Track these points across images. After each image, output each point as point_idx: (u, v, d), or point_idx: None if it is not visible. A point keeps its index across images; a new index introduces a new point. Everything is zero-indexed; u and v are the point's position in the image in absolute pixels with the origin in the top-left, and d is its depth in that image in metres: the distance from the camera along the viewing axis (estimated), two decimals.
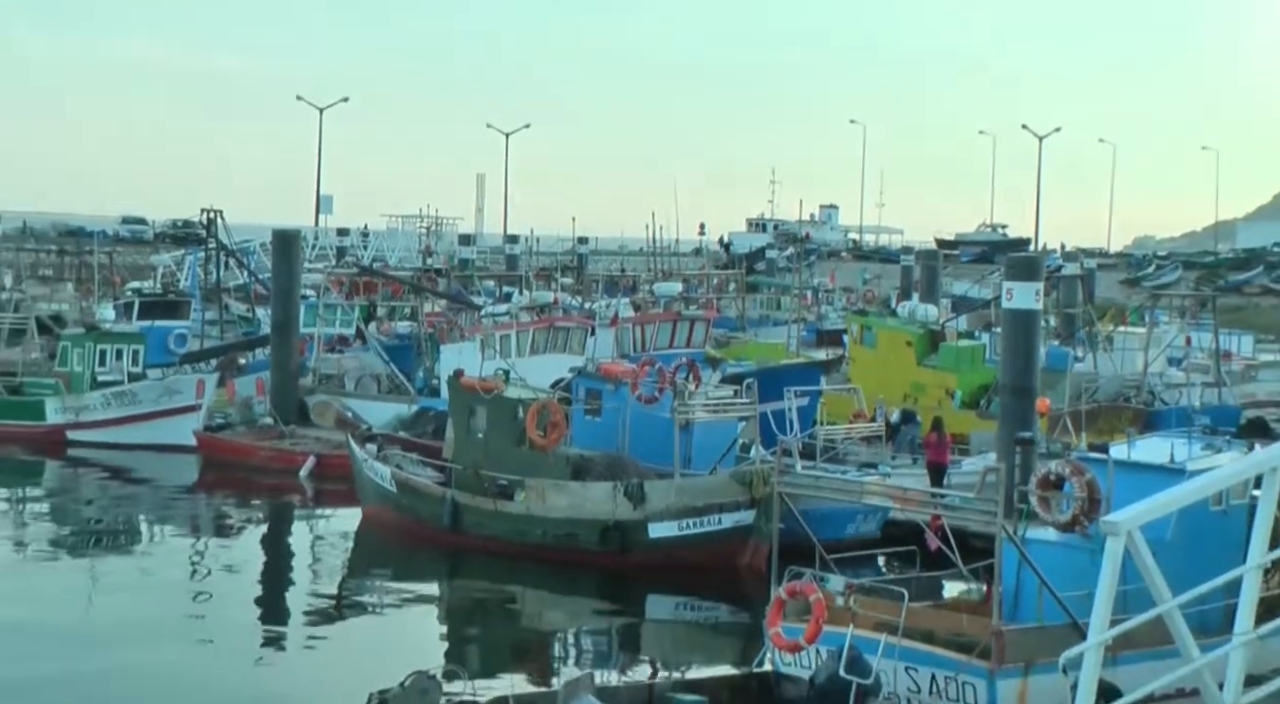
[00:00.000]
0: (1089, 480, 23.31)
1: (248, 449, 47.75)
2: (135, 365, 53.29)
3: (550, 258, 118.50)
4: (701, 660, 27.35)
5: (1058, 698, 17.71)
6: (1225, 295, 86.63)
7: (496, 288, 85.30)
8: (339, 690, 21.60)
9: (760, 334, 68.62)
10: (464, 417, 37.81)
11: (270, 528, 41.37)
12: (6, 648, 27.79)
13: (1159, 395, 50.11)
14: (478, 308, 68.45)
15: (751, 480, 33.07)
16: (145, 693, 25.28)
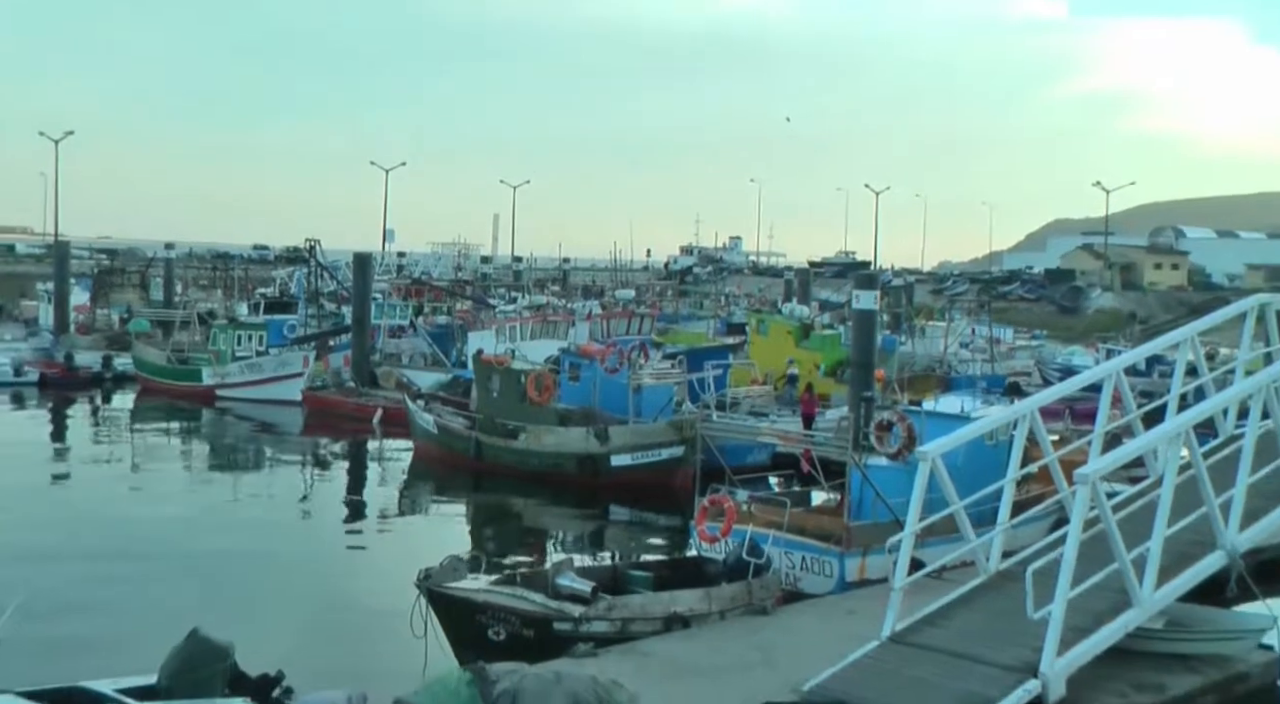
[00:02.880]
0: (908, 425, 23.61)
1: (338, 402, 47.69)
2: (261, 346, 53.35)
3: (543, 272, 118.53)
4: (648, 549, 27.53)
5: (885, 570, 17.97)
6: (996, 301, 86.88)
7: (506, 293, 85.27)
8: (397, 567, 21.70)
9: (688, 326, 68.50)
10: (484, 382, 37.84)
11: (352, 457, 41.36)
12: (173, 528, 28.36)
13: (954, 368, 50.52)
14: (493, 307, 68.44)
15: (682, 426, 33.27)
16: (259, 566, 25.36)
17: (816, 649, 16.28)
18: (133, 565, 24.67)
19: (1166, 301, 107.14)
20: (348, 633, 20.67)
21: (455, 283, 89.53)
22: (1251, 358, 22.31)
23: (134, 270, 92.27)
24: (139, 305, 75.71)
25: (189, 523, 29.52)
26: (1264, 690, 17.33)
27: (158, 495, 33.01)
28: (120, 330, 65.91)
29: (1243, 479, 17.14)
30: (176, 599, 21.70)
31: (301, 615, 21.69)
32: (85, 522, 29.07)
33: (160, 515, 30.03)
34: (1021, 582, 15.06)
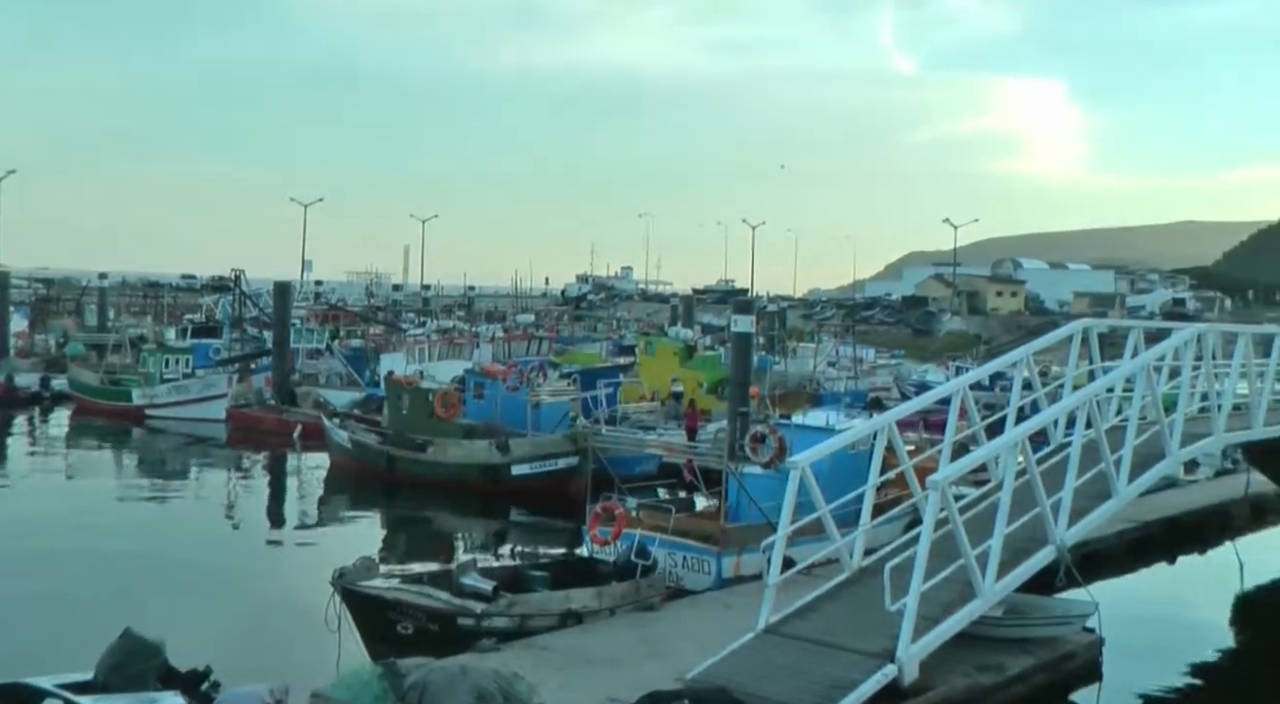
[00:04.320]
0: (780, 437, 23.72)
1: (259, 420, 46.83)
2: (188, 368, 52.26)
3: (450, 299, 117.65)
4: (546, 551, 27.43)
5: (759, 567, 18.05)
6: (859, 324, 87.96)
7: (416, 318, 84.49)
8: (314, 569, 21.37)
9: (583, 348, 68.40)
10: (395, 400, 37.58)
11: (273, 470, 40.66)
12: (105, 535, 27.54)
13: (822, 385, 51.00)
14: (403, 331, 67.83)
15: (576, 438, 33.23)
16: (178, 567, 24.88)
17: (698, 641, 16.33)
18: (65, 570, 24.03)
19: (1007, 325, 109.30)
20: (269, 630, 20.35)
21: (368, 309, 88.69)
22: (1077, 374, 22.88)
23: (70, 298, 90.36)
24: (74, 331, 73.62)
25: (119, 530, 28.87)
26: (1088, 667, 17.83)
27: (89, 505, 32.13)
28: (57, 354, 64.01)
29: (1070, 482, 17.54)
30: (109, 601, 21.22)
31: (226, 615, 21.27)
32: (18, 528, 28.32)
33: (92, 524, 29.23)
34: (880, 577, 15.28)
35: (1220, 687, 19.43)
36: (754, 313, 39.07)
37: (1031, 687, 16.56)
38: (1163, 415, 20.22)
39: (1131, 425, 19.50)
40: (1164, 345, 21.99)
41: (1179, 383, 22.26)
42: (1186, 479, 32.72)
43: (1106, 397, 21.54)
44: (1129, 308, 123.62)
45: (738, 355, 34.78)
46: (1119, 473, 18.80)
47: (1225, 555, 26.37)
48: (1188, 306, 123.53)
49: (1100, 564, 22.94)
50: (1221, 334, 24.85)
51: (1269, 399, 23.70)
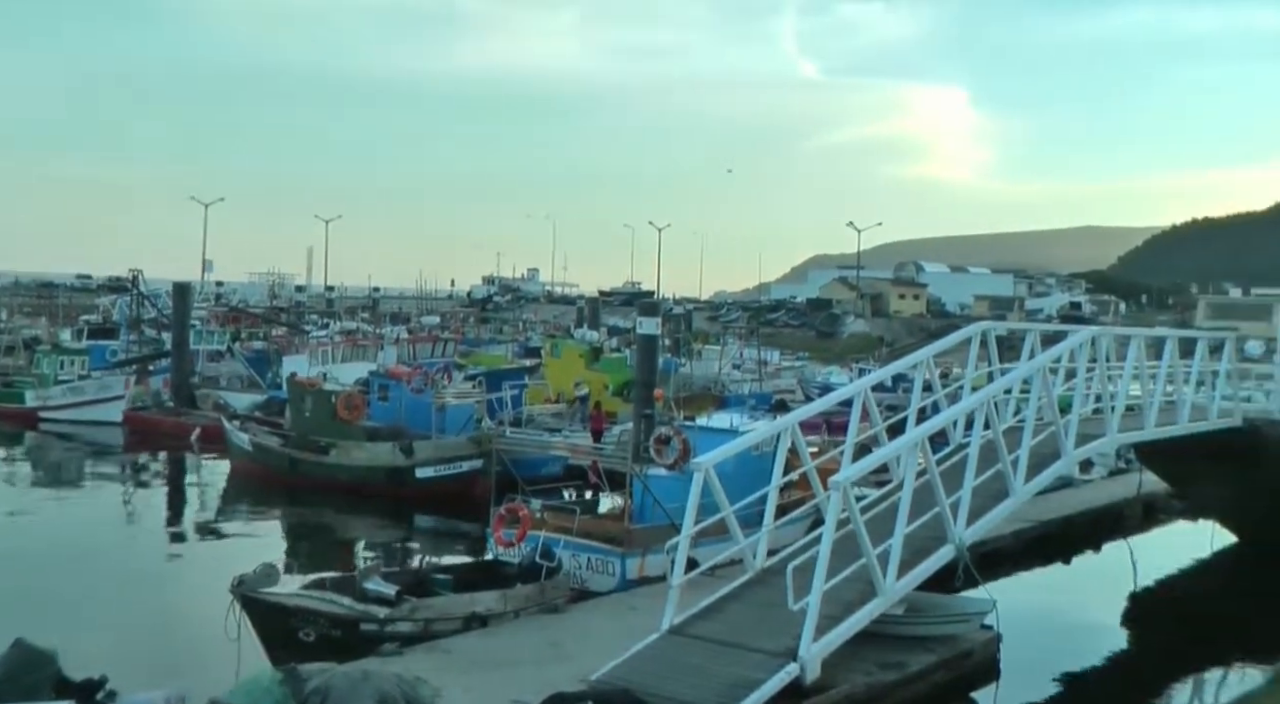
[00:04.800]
0: (684, 439, 23.85)
1: (157, 423, 46.02)
2: (84, 370, 51.41)
3: (354, 300, 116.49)
4: (450, 554, 27.24)
5: (663, 568, 18.11)
6: (764, 327, 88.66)
7: (319, 320, 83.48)
8: (214, 576, 20.98)
9: (489, 349, 68.09)
10: (298, 402, 37.16)
11: (172, 474, 39.99)
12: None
13: (727, 387, 51.34)
14: (306, 333, 67.01)
15: (481, 440, 33.10)
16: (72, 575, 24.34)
17: (603, 642, 16.36)
18: None
19: (909, 327, 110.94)
20: (166, 638, 19.98)
21: (271, 310, 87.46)
22: (976, 376, 23.27)
23: None
24: None
25: (10, 536, 28.29)
26: (986, 664, 18.15)
27: None
28: None
29: (968, 482, 17.85)
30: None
31: (123, 623, 20.86)
32: None
33: None
34: (783, 577, 15.42)
35: (1113, 682, 19.92)
36: (659, 315, 39.08)
37: (931, 683, 16.82)
38: (1058, 416, 20.65)
39: (1028, 426, 19.89)
40: (1059, 347, 22.46)
41: (1074, 384, 22.74)
42: (1082, 479, 33.48)
43: (1004, 398, 21.96)
44: (1028, 311, 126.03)
45: (643, 357, 34.83)
46: (1016, 473, 19.16)
47: (1119, 553, 27.01)
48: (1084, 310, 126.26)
49: (998, 563, 23.41)
50: (1115, 337, 25.46)
51: (1160, 400, 24.33)
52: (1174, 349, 25.30)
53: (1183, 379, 25.51)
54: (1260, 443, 26.06)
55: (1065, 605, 24.55)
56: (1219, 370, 26.46)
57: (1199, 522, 31.10)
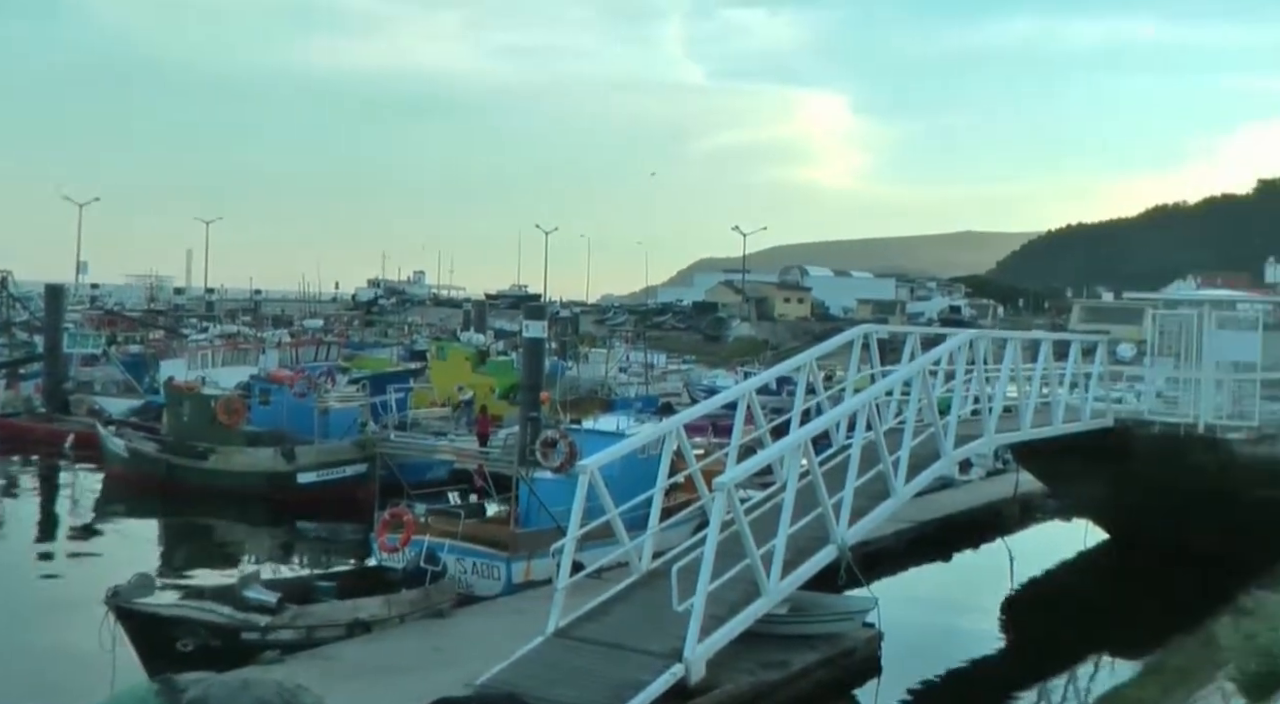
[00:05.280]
0: (570, 442, 23.87)
1: (29, 429, 44.60)
2: None
3: (235, 303, 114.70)
4: (334, 560, 26.89)
5: (550, 572, 18.08)
6: (651, 330, 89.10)
7: (199, 323, 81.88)
8: (88, 586, 20.48)
9: (373, 353, 67.35)
10: (175, 407, 36.54)
11: (44, 481, 38.89)
12: None
13: (614, 390, 51.47)
14: (185, 336, 65.67)
15: (365, 445, 32.81)
16: None
17: (489, 646, 16.29)
18: None
19: (794, 330, 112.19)
20: (39, 652, 19.34)
21: (148, 313, 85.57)
22: (859, 378, 23.65)
23: None
24: None
25: None
26: (867, 661, 18.51)
27: None
28: None
29: (850, 483, 18.13)
30: None
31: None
32: None
33: None
34: (668, 578, 15.50)
35: (991, 676, 20.38)
36: (546, 318, 39.06)
37: (814, 681, 17.07)
38: (937, 418, 21.09)
39: (908, 427, 20.25)
40: (939, 350, 22.93)
41: (954, 386, 23.21)
42: (961, 479, 34.18)
43: (885, 400, 22.35)
44: (909, 314, 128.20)
45: (529, 361, 34.80)
46: (897, 473, 19.52)
47: (997, 552, 27.64)
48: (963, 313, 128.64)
49: (880, 562, 23.82)
50: (992, 340, 26.06)
51: (1036, 401, 24.96)
52: (1049, 352, 25.97)
53: (1057, 381, 26.20)
54: (1130, 443, 26.87)
55: (945, 603, 25.06)
56: (1092, 372, 27.21)
57: (1073, 520, 31.98)
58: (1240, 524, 24.23)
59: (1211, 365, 26.83)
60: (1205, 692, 10.21)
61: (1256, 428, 26.84)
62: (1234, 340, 27.23)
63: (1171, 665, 16.33)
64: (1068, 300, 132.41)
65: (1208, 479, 25.79)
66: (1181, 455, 26.40)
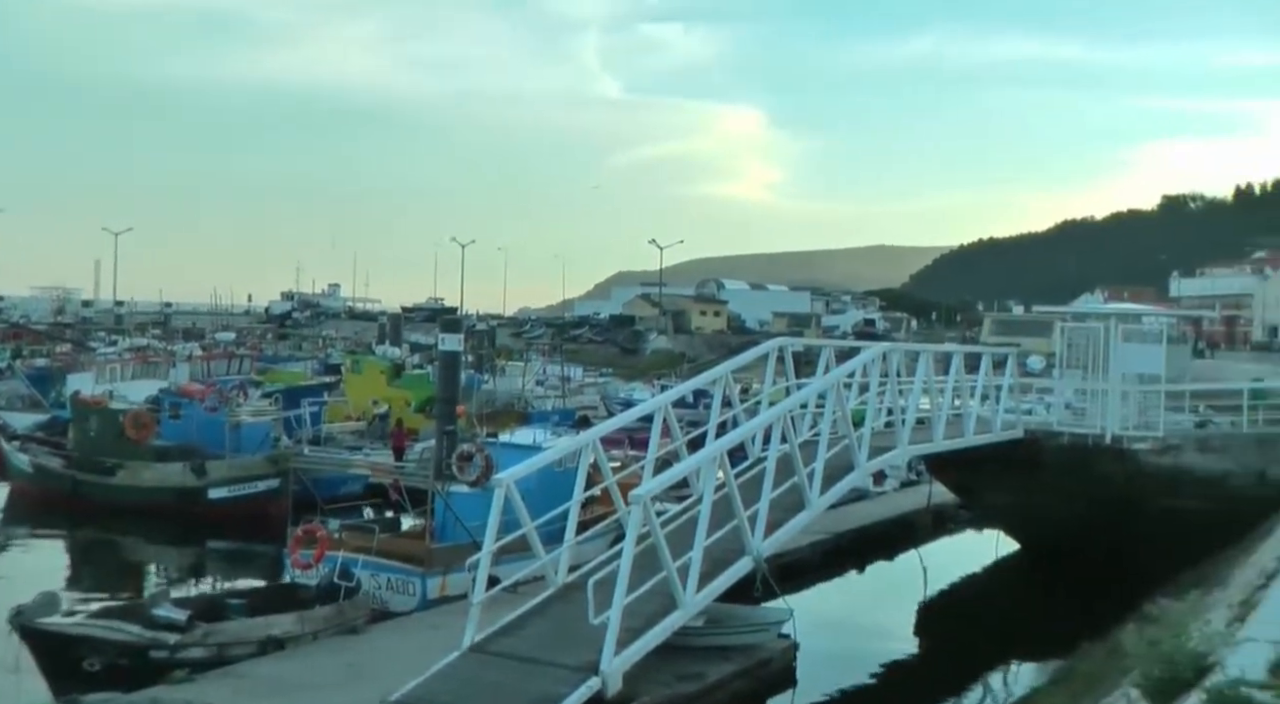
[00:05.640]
0: (486, 455, 23.84)
1: None
2: None
3: (145, 316, 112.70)
4: (246, 577, 26.53)
5: (466, 586, 17.98)
6: (568, 343, 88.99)
7: (107, 337, 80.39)
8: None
9: (287, 366, 66.55)
10: (82, 421, 35.88)
11: None
12: None
13: (531, 403, 51.30)
14: (93, 350, 64.44)
15: (278, 459, 32.44)
16: None
17: (404, 662, 16.18)
18: None
19: (711, 343, 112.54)
20: None
21: (55, 326, 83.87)
22: (775, 391, 23.81)
23: None
24: None
25: None
26: (783, 672, 18.65)
27: None
28: None
29: (766, 495, 18.25)
30: None
31: None
32: None
33: None
34: (585, 592, 15.48)
35: (905, 685, 20.62)
36: (462, 331, 38.84)
37: (730, 693, 17.15)
38: (851, 430, 21.29)
39: (823, 439, 20.44)
40: (852, 363, 23.16)
41: (867, 398, 23.46)
42: (876, 491, 34.53)
43: (800, 412, 22.52)
44: (824, 327, 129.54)
45: (445, 374, 34.53)
46: (811, 485, 19.67)
47: (910, 562, 27.99)
48: (877, 326, 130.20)
49: (796, 574, 24.00)
50: (905, 352, 26.38)
51: (948, 413, 25.30)
52: (960, 364, 26.35)
53: (969, 393, 26.58)
54: (1040, 454, 27.31)
55: (860, 613, 25.32)
56: (1002, 384, 27.65)
57: (985, 530, 32.44)
58: (1146, 532, 24.71)
59: (1118, 377, 27.35)
60: (1111, 698, 10.40)
61: (1161, 438, 27.41)
62: (1139, 353, 27.79)
63: (1080, 672, 16.59)
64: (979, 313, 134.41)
65: (1115, 489, 26.31)
66: (1089, 466, 26.89)
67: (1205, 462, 27.50)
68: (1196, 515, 24.63)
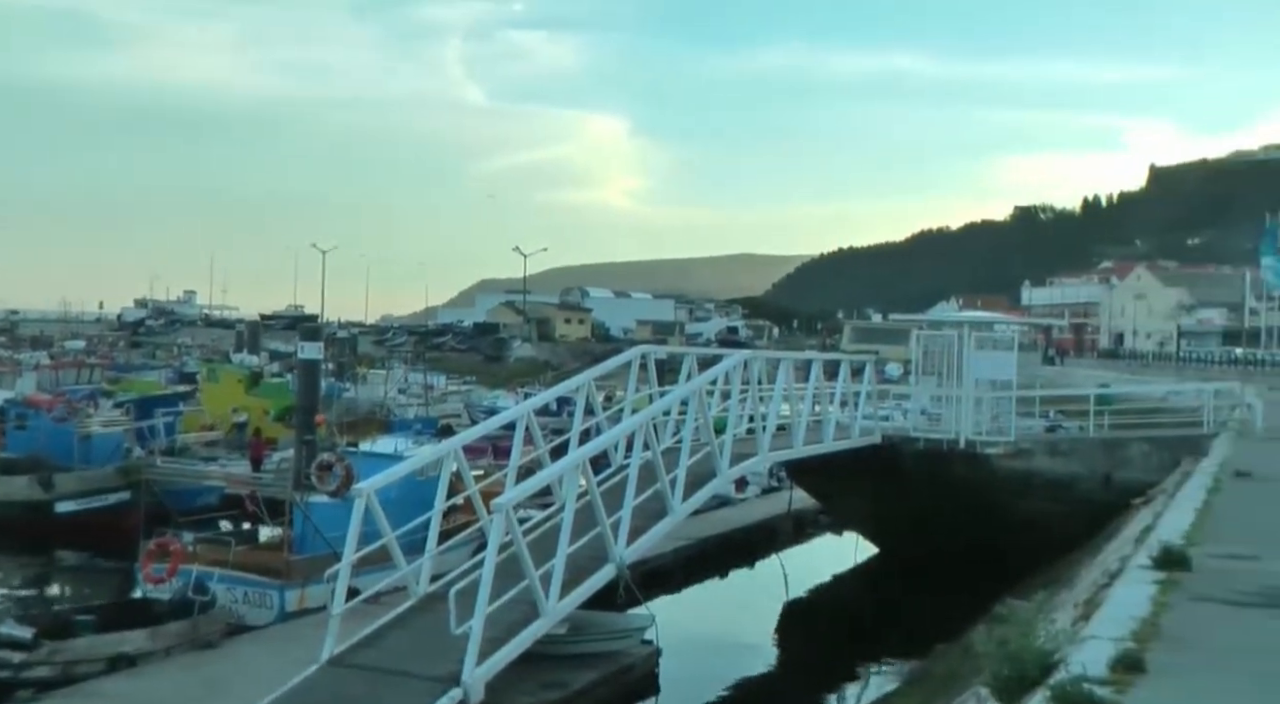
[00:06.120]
0: (346, 465, 23.50)
1: None
2: None
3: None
4: (95, 593, 25.74)
5: (325, 598, 17.72)
6: (431, 351, 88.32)
7: None
8: None
9: (140, 375, 64.73)
10: None
11: None
12: None
13: (393, 411, 50.78)
14: None
15: (129, 471, 31.56)
16: None
17: (261, 677, 15.84)
18: None
19: (575, 351, 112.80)
20: None
21: None
22: (638, 398, 23.90)
23: None
24: None
25: None
26: (646, 678, 18.77)
27: None
28: None
29: (628, 502, 18.28)
30: None
31: None
32: None
33: None
34: (447, 602, 15.36)
35: (766, 688, 20.89)
36: (322, 339, 38.24)
37: (594, 700, 17.17)
38: (713, 437, 21.46)
39: (685, 446, 20.55)
40: (714, 370, 23.35)
41: (729, 405, 23.68)
42: (738, 497, 34.89)
43: (663, 419, 22.64)
44: (688, 335, 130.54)
45: (304, 382, 34.05)
46: (674, 492, 19.76)
47: (772, 567, 28.34)
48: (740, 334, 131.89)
49: (659, 580, 24.16)
50: (766, 360, 26.71)
51: (808, 420, 25.69)
52: (819, 371, 26.78)
53: (828, 400, 27.03)
54: (897, 459, 27.92)
55: (722, 618, 25.58)
56: (861, 391, 28.17)
57: (844, 534, 33.04)
58: (1001, 535, 25.42)
59: (971, 384, 28.08)
60: (963, 698, 10.66)
61: (1013, 443, 28.25)
62: (991, 360, 28.60)
63: (936, 673, 16.98)
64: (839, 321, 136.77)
65: (969, 493, 27.01)
66: (944, 470, 27.58)
67: (1054, 465, 28.42)
68: (1048, 518, 25.42)
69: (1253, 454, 23.81)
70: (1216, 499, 17.32)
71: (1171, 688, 7.44)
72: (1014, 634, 8.37)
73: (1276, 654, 8.54)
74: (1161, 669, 7.72)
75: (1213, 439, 27.68)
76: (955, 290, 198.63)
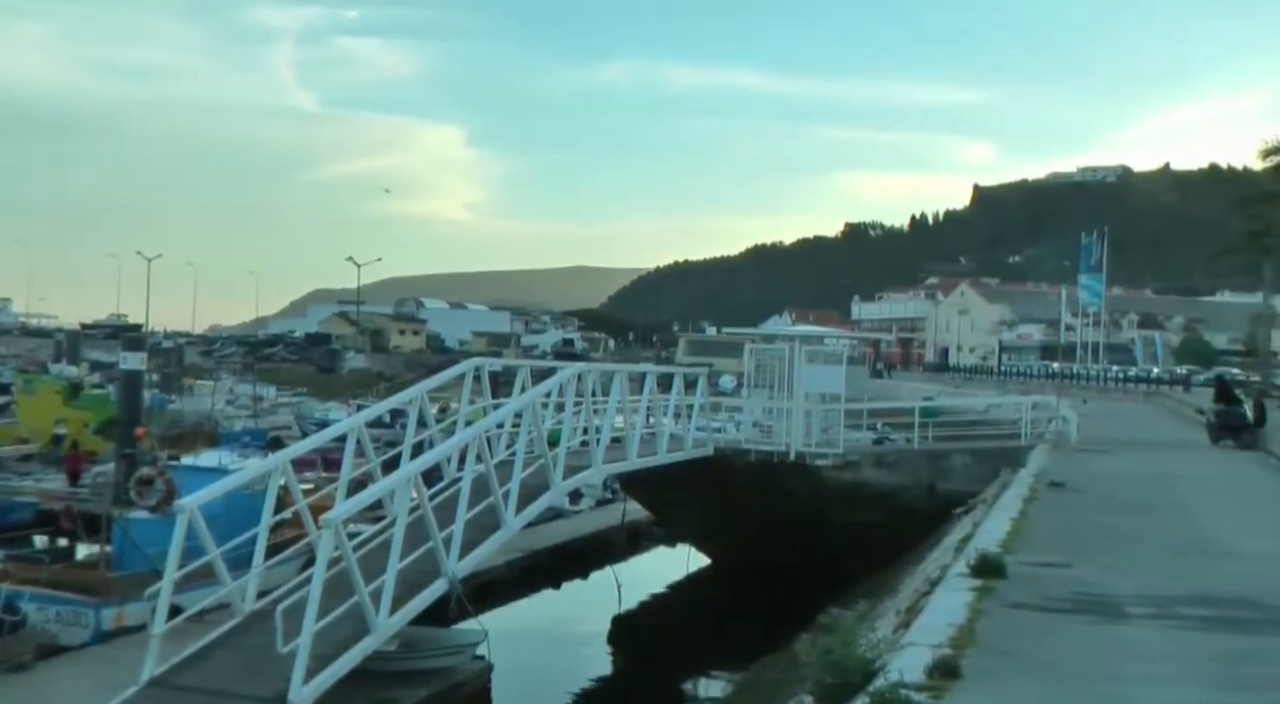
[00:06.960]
0: (168, 479, 22.85)
1: None
2: None
3: None
4: None
5: (146, 617, 17.20)
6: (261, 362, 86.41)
7: None
8: None
9: None
10: None
11: None
12: None
13: (221, 423, 49.54)
14: None
15: None
16: None
17: (76, 701, 15.39)
18: None
19: (409, 363, 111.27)
20: None
21: None
22: (472, 410, 23.78)
23: None
24: None
25: None
26: (478, 694, 18.70)
27: None
28: None
29: (461, 516, 18.17)
30: None
31: None
32: None
33: None
34: (273, 619, 15.04)
35: (598, 699, 20.97)
36: (145, 349, 37.14)
37: None
38: (547, 449, 21.47)
39: (519, 459, 20.50)
40: (549, 383, 23.38)
41: (563, 418, 23.72)
42: (572, 509, 34.96)
43: (496, 432, 22.57)
44: (524, 347, 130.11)
45: (126, 394, 33.01)
46: (507, 505, 19.71)
47: (605, 578, 28.46)
48: (576, 346, 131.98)
49: (492, 593, 24.05)
50: (601, 372, 26.84)
51: (642, 432, 25.88)
52: (654, 384, 27.01)
53: (662, 412, 27.27)
54: (729, 471, 28.30)
55: (556, 631, 25.59)
56: (694, 403, 28.50)
57: (677, 546, 33.34)
58: (831, 545, 25.99)
59: (801, 396, 28.64)
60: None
61: (841, 455, 28.89)
62: (821, 373, 29.22)
63: (764, 681, 17.27)
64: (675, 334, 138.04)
65: (800, 504, 27.54)
66: (775, 482, 28.06)
67: (881, 476, 29.18)
68: (876, 528, 26.05)
69: (1066, 465, 24.83)
70: (1032, 508, 17.99)
71: (983, 693, 7.73)
72: (837, 643, 8.59)
73: (1083, 659, 8.93)
74: (975, 674, 8.01)
75: (1030, 450, 28.74)
76: (788, 304, 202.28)
